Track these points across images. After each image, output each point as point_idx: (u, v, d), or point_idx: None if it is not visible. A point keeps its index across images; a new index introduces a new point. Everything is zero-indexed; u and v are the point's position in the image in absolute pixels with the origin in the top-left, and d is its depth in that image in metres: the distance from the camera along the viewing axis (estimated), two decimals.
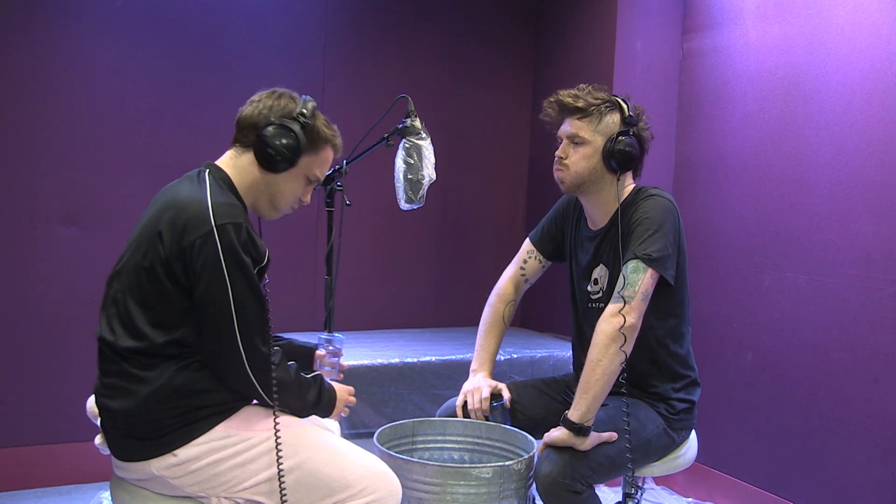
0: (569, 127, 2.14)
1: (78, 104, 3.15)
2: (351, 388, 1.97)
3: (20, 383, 3.10)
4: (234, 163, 1.79)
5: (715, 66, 3.32)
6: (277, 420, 1.69)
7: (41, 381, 3.12)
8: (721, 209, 3.26)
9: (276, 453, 1.67)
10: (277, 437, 1.68)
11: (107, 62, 3.19)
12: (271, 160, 1.74)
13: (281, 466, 1.67)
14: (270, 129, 1.74)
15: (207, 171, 1.76)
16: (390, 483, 1.76)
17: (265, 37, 3.46)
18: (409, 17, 3.78)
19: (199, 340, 1.66)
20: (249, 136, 1.77)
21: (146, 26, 3.24)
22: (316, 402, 1.82)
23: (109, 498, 1.81)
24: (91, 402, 1.82)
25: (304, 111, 1.77)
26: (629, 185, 2.19)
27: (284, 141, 1.73)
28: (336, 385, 1.93)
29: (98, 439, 1.79)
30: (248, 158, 1.77)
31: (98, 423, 1.77)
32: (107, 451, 1.75)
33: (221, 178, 1.75)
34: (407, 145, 2.28)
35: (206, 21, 3.34)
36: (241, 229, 1.64)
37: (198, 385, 1.66)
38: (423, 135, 2.27)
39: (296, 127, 1.75)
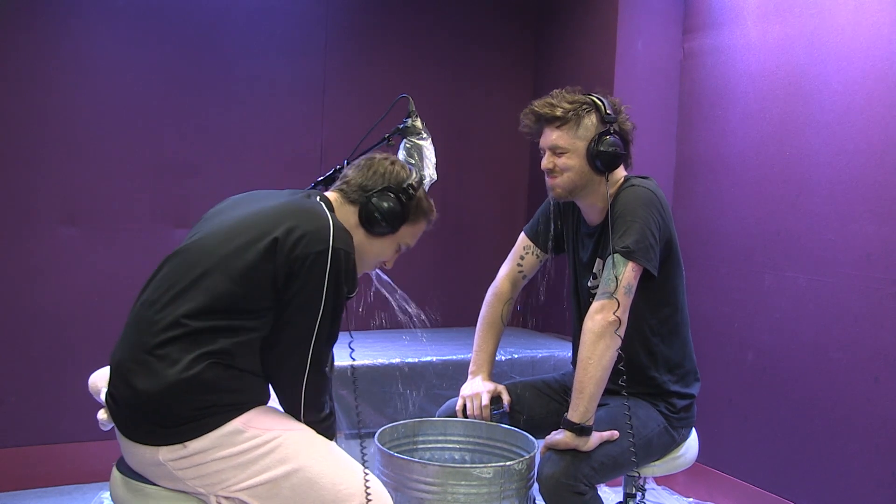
0: (549, 137, 2.14)
1: (78, 104, 3.14)
2: None
3: (21, 383, 3.10)
4: (338, 207, 1.82)
5: (716, 65, 3.32)
6: (367, 479, 1.71)
7: (41, 381, 3.12)
8: (721, 209, 3.26)
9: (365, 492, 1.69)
10: (367, 488, 1.70)
11: (107, 62, 3.19)
12: (375, 223, 1.80)
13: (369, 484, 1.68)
14: (381, 194, 1.80)
15: (318, 197, 1.80)
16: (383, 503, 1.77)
17: (265, 37, 3.45)
18: (409, 17, 3.78)
19: (263, 336, 1.68)
20: (358, 194, 1.81)
21: (146, 26, 3.24)
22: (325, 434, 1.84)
23: (110, 498, 1.80)
24: (95, 377, 1.79)
25: (413, 183, 1.83)
26: (620, 178, 2.18)
27: (392, 208, 1.79)
28: None
29: (102, 414, 1.74)
30: (350, 210, 1.82)
31: (101, 398, 1.74)
32: (108, 427, 1.71)
33: (332, 211, 1.78)
34: (408, 145, 2.27)
35: (206, 21, 3.34)
36: (350, 259, 1.69)
37: (223, 383, 1.66)
38: (424, 135, 2.26)
39: (404, 198, 1.81)
